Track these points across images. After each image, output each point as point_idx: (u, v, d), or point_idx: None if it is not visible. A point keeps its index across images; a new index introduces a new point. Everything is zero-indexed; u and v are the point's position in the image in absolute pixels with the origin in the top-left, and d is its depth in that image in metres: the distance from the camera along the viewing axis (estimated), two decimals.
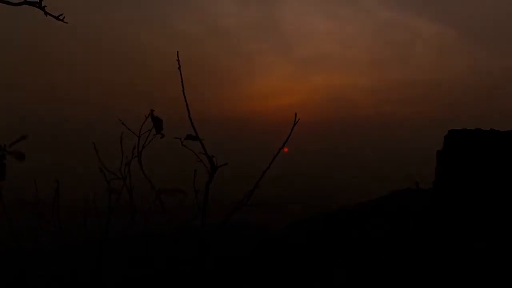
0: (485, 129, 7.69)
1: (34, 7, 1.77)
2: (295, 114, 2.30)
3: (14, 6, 1.76)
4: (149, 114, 2.41)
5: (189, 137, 2.30)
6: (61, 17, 1.82)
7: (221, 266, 5.98)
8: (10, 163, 2.04)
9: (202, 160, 2.29)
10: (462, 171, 7.52)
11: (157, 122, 2.40)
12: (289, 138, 2.35)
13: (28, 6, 1.77)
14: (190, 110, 2.27)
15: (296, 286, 5.63)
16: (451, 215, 7.17)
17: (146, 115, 2.43)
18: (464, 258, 5.53)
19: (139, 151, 2.52)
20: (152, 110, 2.40)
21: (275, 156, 2.34)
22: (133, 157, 2.54)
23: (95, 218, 2.68)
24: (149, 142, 2.50)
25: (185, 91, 2.25)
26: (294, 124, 2.33)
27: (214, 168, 2.30)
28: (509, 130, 7.48)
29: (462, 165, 7.54)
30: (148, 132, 2.47)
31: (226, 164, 2.31)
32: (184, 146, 2.30)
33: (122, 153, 2.57)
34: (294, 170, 54.91)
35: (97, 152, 2.60)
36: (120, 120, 2.54)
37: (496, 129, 7.63)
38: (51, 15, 1.79)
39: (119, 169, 2.57)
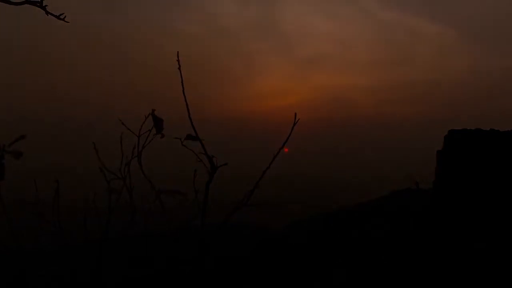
0: (485, 129, 7.68)
1: (35, 7, 1.77)
2: (295, 114, 2.30)
3: (15, 5, 1.76)
4: (149, 114, 2.41)
5: (189, 137, 2.30)
6: (62, 16, 1.82)
7: (221, 266, 5.98)
8: (9, 163, 2.04)
9: (202, 160, 2.29)
10: (462, 171, 7.51)
11: (157, 122, 2.41)
12: (289, 138, 2.35)
13: (29, 5, 1.77)
14: (190, 110, 2.28)
15: (296, 286, 5.62)
16: (451, 215, 7.17)
17: (146, 115, 2.43)
18: (464, 258, 5.53)
19: (139, 151, 2.52)
20: (153, 110, 2.40)
21: (275, 156, 2.35)
22: (133, 157, 2.54)
23: (95, 218, 2.69)
24: (149, 142, 2.51)
25: (185, 91, 2.25)
26: (294, 124, 2.33)
27: (214, 168, 2.30)
28: (509, 130, 7.48)
29: (462, 165, 7.54)
30: (148, 132, 2.47)
31: (226, 164, 2.31)
32: (184, 146, 2.30)
33: (122, 153, 2.57)
34: (294, 170, 54.84)
35: (97, 152, 2.60)
36: (120, 120, 2.54)
37: (496, 129, 7.62)
38: (52, 15, 1.79)
39: (119, 169, 2.57)
